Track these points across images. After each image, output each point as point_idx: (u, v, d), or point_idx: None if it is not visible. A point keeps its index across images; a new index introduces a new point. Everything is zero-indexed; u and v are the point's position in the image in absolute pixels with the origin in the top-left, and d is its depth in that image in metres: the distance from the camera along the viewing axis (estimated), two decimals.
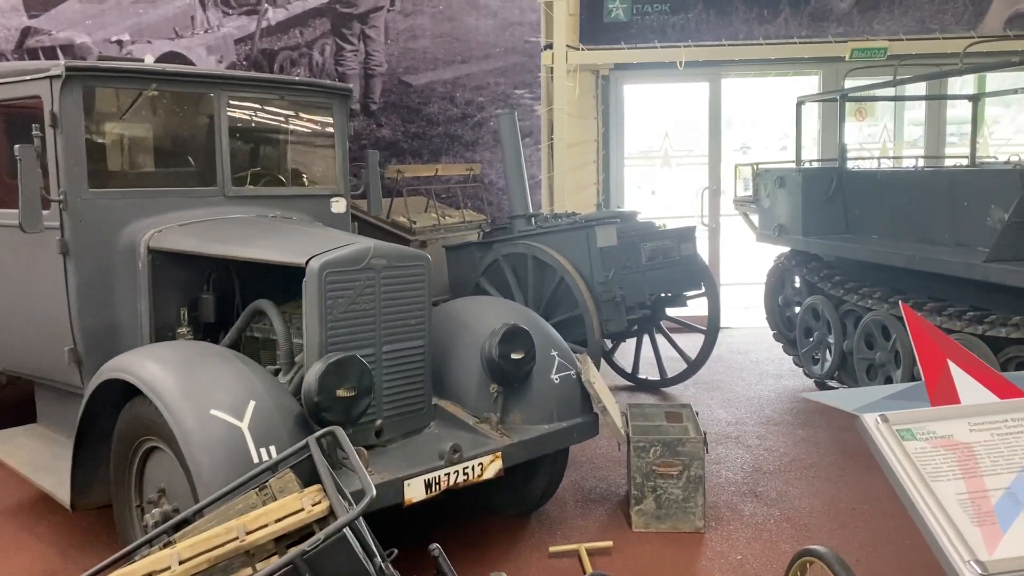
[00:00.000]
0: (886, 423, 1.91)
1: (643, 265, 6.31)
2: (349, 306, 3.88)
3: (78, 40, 8.36)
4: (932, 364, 2.08)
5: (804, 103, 7.67)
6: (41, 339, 4.58)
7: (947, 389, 2.02)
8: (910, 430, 1.92)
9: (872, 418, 1.92)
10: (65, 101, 4.19)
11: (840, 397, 2.08)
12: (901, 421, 1.92)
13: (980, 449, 1.89)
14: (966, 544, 1.69)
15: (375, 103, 8.84)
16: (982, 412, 1.95)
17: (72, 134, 4.23)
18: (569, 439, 4.34)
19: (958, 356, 2.10)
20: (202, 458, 3.13)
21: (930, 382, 2.06)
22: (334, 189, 5.35)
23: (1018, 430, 1.93)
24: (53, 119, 4.19)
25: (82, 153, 4.27)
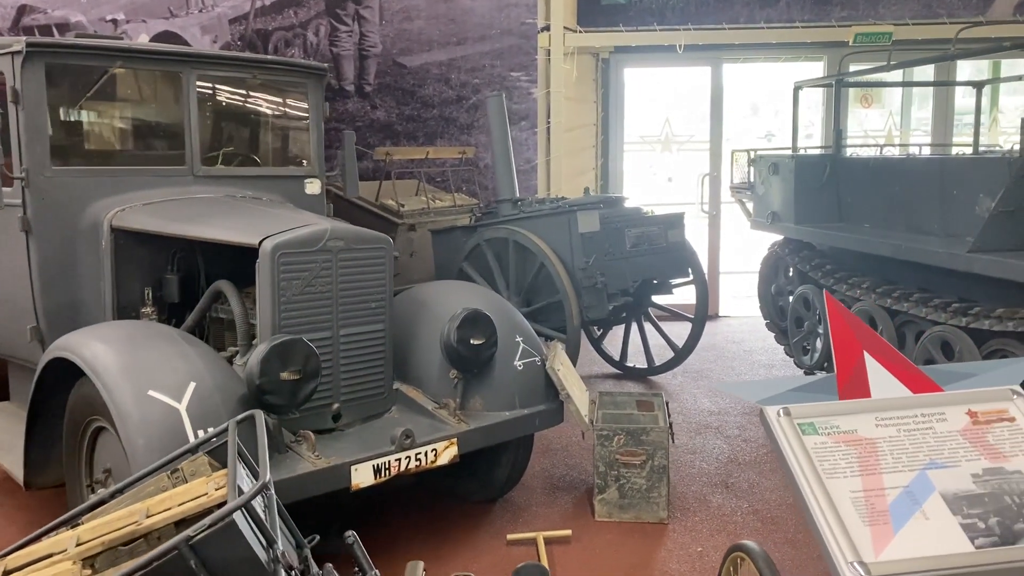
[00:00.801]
0: (787, 416, 1.82)
1: (627, 251, 6.21)
2: (304, 288, 3.84)
3: (73, 19, 8.35)
4: (847, 356, 1.99)
5: (801, 88, 7.51)
6: (6, 317, 4.57)
7: (859, 382, 1.94)
8: (812, 424, 1.84)
9: (774, 411, 1.84)
10: (26, 77, 4.15)
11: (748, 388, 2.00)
12: (804, 415, 1.84)
13: (884, 445, 1.80)
14: (852, 544, 1.61)
15: (369, 84, 8.77)
16: (891, 407, 1.87)
17: (34, 111, 4.20)
18: (531, 426, 4.28)
19: (876, 348, 2.01)
20: (137, 439, 3.11)
21: (842, 374, 1.97)
22: (308, 170, 5.30)
23: (925, 426, 1.84)
24: (15, 95, 4.16)
25: (45, 130, 4.25)
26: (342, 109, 8.77)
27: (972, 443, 1.81)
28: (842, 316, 2.07)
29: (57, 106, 4.44)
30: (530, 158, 9.14)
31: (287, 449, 3.56)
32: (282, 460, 3.48)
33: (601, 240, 6.04)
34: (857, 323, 2.08)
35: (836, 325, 2.06)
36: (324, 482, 3.49)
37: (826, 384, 2.00)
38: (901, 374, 1.95)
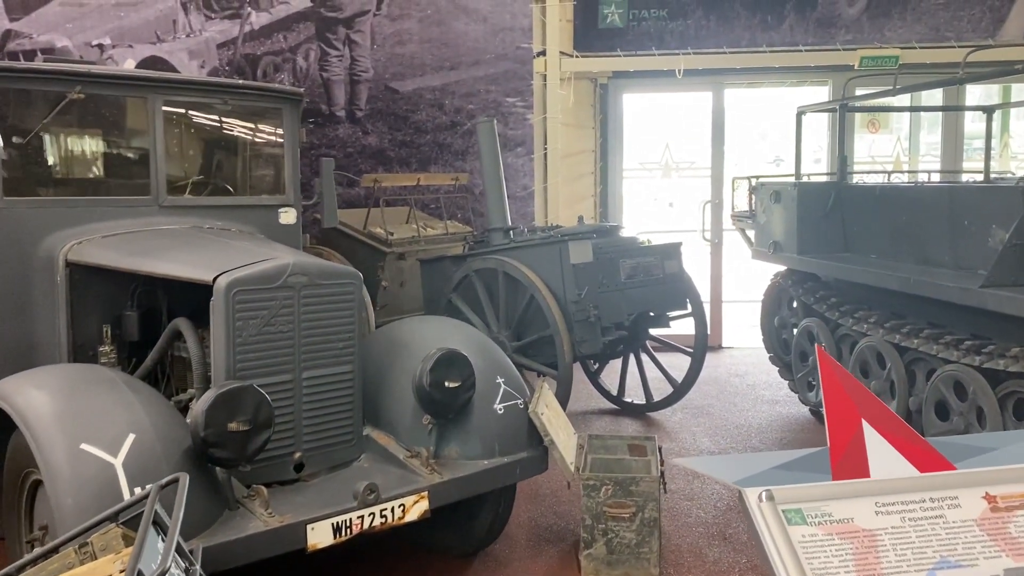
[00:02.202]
0: (770, 501, 1.54)
1: (622, 283, 5.92)
2: (262, 328, 3.57)
3: (59, 43, 8.18)
4: (843, 426, 1.70)
5: (804, 113, 7.25)
6: None
7: (856, 458, 1.65)
8: (800, 511, 1.55)
9: (755, 494, 1.55)
10: None
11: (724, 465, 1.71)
12: (790, 499, 1.55)
13: (885, 538, 1.51)
14: None
15: (361, 110, 8.56)
16: (894, 489, 1.57)
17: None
18: (511, 476, 3.98)
19: (876, 416, 1.72)
20: (66, 498, 2.82)
21: (836, 449, 1.68)
22: (282, 199, 5.05)
23: (935, 514, 1.55)
24: None
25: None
26: (332, 135, 8.55)
27: (991, 536, 1.51)
28: (837, 377, 1.78)
29: (11, 133, 4.21)
30: (526, 184, 8.90)
31: (238, 505, 3.27)
32: (231, 518, 3.19)
33: (594, 271, 5.76)
34: (854, 385, 1.78)
35: (830, 388, 1.77)
36: (276, 543, 3.19)
37: (818, 460, 1.71)
38: (906, 448, 1.66)
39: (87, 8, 8.17)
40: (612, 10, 8.57)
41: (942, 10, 8.50)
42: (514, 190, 8.91)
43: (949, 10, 8.52)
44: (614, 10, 8.57)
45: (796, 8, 8.55)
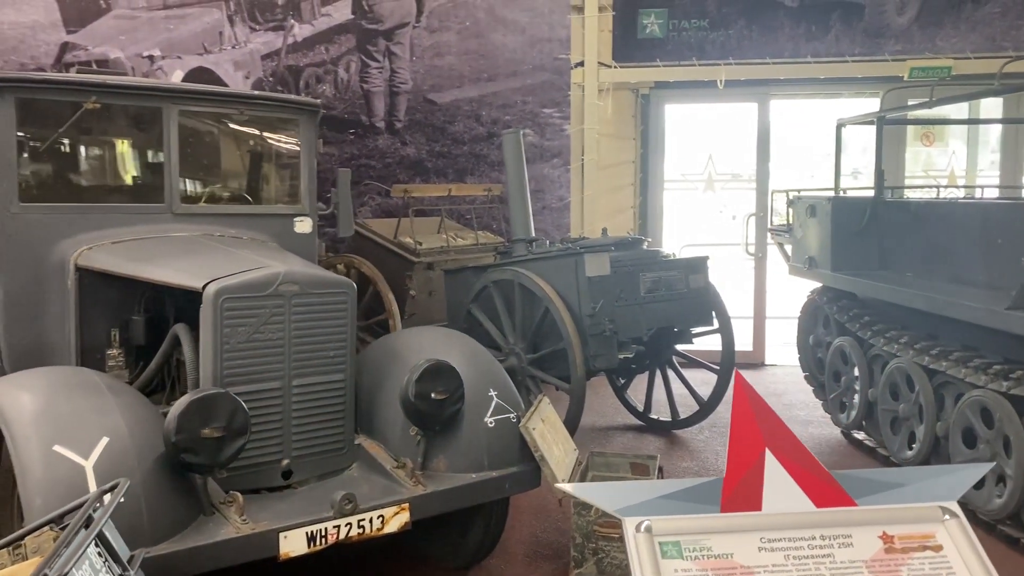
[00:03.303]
0: (647, 533, 1.46)
1: (641, 297, 5.82)
2: (251, 335, 3.60)
3: (112, 55, 8.48)
4: (744, 453, 1.61)
5: (844, 126, 7.04)
6: None
7: (750, 490, 1.56)
8: (678, 544, 1.47)
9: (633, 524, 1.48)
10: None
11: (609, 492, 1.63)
12: (670, 531, 1.47)
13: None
14: None
15: (400, 121, 8.64)
16: (783, 525, 1.48)
17: (2, 146, 4.12)
18: (500, 490, 3.93)
19: (782, 446, 1.63)
20: (35, 498, 2.88)
21: (731, 478, 1.59)
22: (298, 208, 5.11)
23: (823, 552, 1.45)
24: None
25: (12, 166, 4.16)
26: (372, 146, 8.65)
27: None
28: (748, 402, 1.70)
29: (28, 141, 4.36)
30: (563, 196, 8.85)
31: (213, 511, 3.30)
32: (204, 523, 3.22)
33: (611, 284, 5.67)
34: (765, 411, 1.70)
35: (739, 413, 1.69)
36: (247, 550, 3.20)
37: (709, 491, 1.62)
38: (807, 481, 1.56)
39: (139, 21, 8.45)
40: (652, 20, 8.47)
41: (998, 19, 8.15)
42: (550, 201, 8.88)
43: (1007, 19, 8.16)
44: (654, 20, 8.47)
45: (842, 18, 8.31)
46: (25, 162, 4.32)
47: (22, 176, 4.25)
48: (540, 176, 8.77)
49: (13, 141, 4.16)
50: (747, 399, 1.72)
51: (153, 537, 3.04)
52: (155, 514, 3.06)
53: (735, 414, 1.71)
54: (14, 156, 4.17)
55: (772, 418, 1.70)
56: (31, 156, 4.41)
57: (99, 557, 2.22)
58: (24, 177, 4.28)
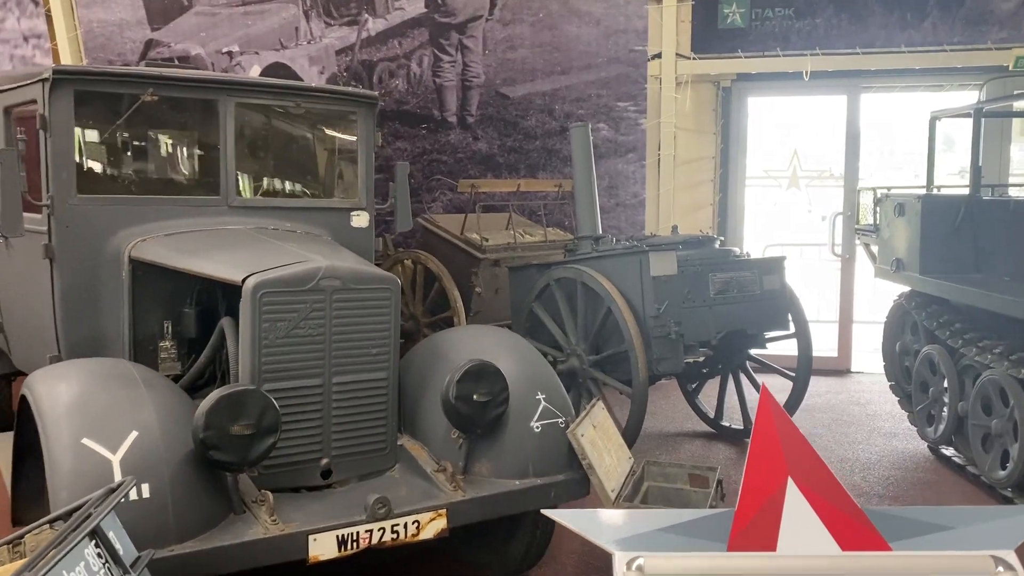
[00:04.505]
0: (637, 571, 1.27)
1: (710, 298, 5.54)
2: (290, 331, 3.53)
3: (193, 51, 8.63)
4: (762, 482, 1.39)
5: (939, 119, 6.57)
6: (31, 344, 4.57)
7: (765, 526, 1.34)
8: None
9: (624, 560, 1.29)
10: (54, 104, 4.11)
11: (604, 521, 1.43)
12: (664, 571, 1.27)
13: None
14: None
15: (472, 115, 8.52)
16: (799, 570, 1.27)
17: (61, 138, 4.15)
18: (544, 499, 3.74)
19: (808, 475, 1.40)
20: (61, 491, 2.86)
21: (744, 510, 1.37)
22: (354, 202, 5.04)
23: None
24: (43, 122, 4.13)
25: (71, 158, 4.19)
26: (444, 140, 8.57)
27: None
28: (772, 421, 1.48)
29: (86, 134, 4.40)
30: (637, 192, 8.58)
31: (244, 510, 3.23)
32: (233, 523, 3.15)
33: (679, 285, 5.41)
34: (792, 433, 1.47)
35: (761, 434, 1.47)
36: (275, 552, 3.13)
37: (718, 525, 1.41)
38: (833, 519, 1.33)
39: (219, 17, 8.57)
40: (733, 9, 8.11)
41: None
42: (624, 198, 8.63)
43: None
44: (735, 9, 8.11)
45: (940, 3, 7.77)
46: (83, 154, 4.36)
47: (80, 168, 4.28)
48: (614, 172, 8.53)
49: (72, 133, 4.19)
50: (771, 418, 1.50)
51: (179, 535, 2.99)
52: (182, 511, 3.01)
53: (756, 435, 1.49)
54: (72, 147, 4.20)
55: (799, 442, 1.47)
56: (89, 148, 4.45)
57: (98, 558, 2.15)
58: (82, 169, 4.31)
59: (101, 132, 4.48)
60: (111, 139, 4.55)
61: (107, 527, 2.21)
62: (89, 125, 4.43)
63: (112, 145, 4.62)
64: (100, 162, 4.59)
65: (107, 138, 4.51)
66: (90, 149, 4.47)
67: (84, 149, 4.38)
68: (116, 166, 4.70)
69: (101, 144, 4.52)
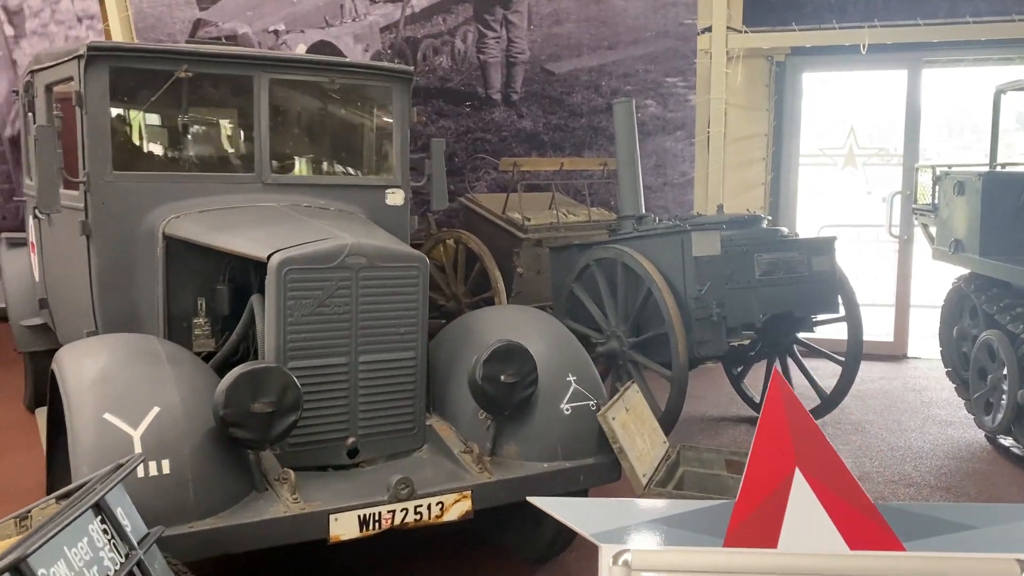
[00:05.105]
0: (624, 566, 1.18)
1: (755, 280, 5.36)
2: (315, 308, 3.49)
3: (240, 31, 8.67)
4: (767, 472, 1.28)
5: (1004, 92, 6.25)
6: (76, 319, 4.62)
7: (768, 520, 1.23)
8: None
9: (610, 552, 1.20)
10: (90, 81, 4.12)
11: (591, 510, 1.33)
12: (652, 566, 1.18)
13: None
14: None
15: (516, 93, 8.40)
16: (800, 569, 1.15)
17: (96, 115, 4.16)
18: (572, 482, 3.66)
19: (817, 466, 1.28)
20: (82, 465, 2.86)
21: (745, 502, 1.26)
22: (390, 179, 4.98)
23: None
24: (79, 99, 4.15)
25: (106, 134, 4.20)
26: (488, 118, 8.47)
27: None
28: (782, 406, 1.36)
29: (121, 110, 4.41)
30: (686, 171, 8.37)
31: (267, 488, 3.21)
32: (255, 500, 3.13)
33: (722, 266, 5.25)
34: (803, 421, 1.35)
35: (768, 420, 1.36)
36: (295, 531, 3.10)
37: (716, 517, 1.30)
38: (842, 514, 1.21)
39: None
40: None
41: None
42: (672, 176, 8.44)
43: None
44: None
45: None
46: (119, 131, 4.38)
47: (116, 144, 4.29)
48: (662, 150, 8.34)
49: (107, 110, 4.20)
50: (782, 403, 1.38)
51: (199, 511, 2.97)
52: (202, 488, 2.99)
53: (763, 422, 1.38)
54: (107, 124, 4.20)
55: (811, 431, 1.35)
56: (124, 125, 4.46)
57: (104, 534, 2.13)
58: (118, 145, 4.32)
59: (136, 109, 4.49)
60: (146, 116, 4.56)
61: (114, 503, 2.19)
62: (124, 102, 4.44)
63: (147, 122, 4.63)
64: (135, 139, 4.61)
65: (142, 115, 4.51)
66: (126, 126, 4.48)
67: (119, 126, 4.39)
68: (151, 143, 4.71)
69: (136, 121, 4.53)
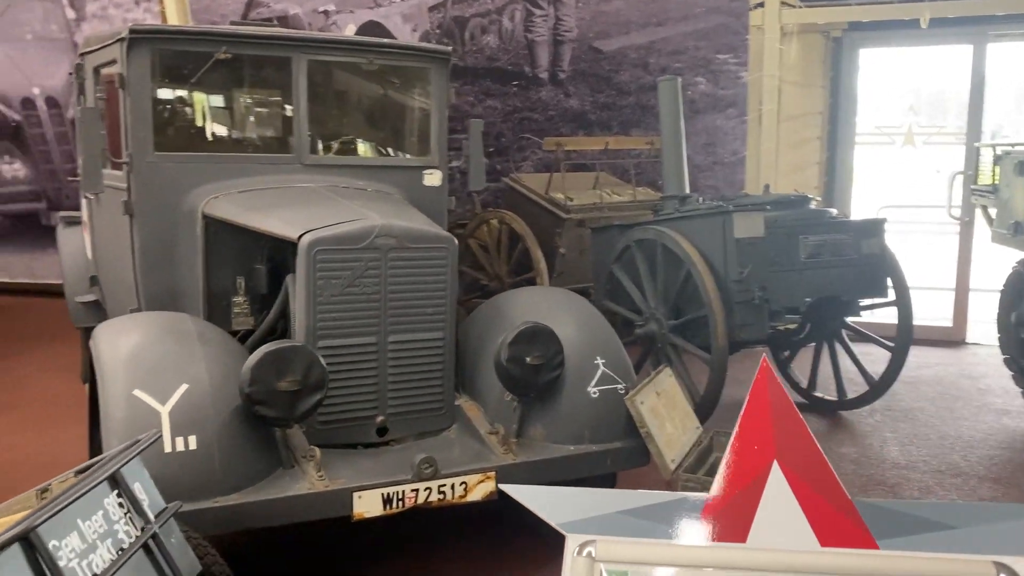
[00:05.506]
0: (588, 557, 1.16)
1: (800, 262, 5.22)
2: (345, 289, 3.53)
3: (292, 11, 8.75)
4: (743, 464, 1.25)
5: None
6: (122, 296, 4.74)
7: (740, 513, 1.19)
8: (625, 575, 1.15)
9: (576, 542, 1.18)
10: (132, 63, 4.20)
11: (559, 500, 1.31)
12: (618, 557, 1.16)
13: None
14: None
15: (563, 71, 8.32)
16: (766, 565, 1.12)
17: (139, 96, 4.24)
18: (599, 465, 3.66)
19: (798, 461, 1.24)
20: (112, 439, 2.95)
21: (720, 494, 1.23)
22: (427, 160, 4.98)
23: None
24: (121, 81, 4.24)
25: (148, 116, 4.28)
26: (535, 98, 8.41)
27: None
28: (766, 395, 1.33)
29: (163, 92, 4.49)
30: (737, 150, 8.20)
31: (293, 465, 3.26)
32: (281, 477, 3.20)
33: (765, 248, 5.13)
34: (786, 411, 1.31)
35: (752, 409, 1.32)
36: (320, 507, 3.16)
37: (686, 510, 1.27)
38: (816, 510, 1.17)
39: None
40: None
41: None
42: (723, 155, 8.28)
43: None
44: None
45: None
46: (161, 112, 4.46)
47: (157, 126, 4.38)
48: (712, 128, 8.18)
49: (149, 91, 4.28)
50: (766, 392, 1.35)
51: (225, 487, 3.05)
52: (228, 464, 3.07)
53: (746, 412, 1.34)
54: (150, 106, 4.28)
55: (794, 423, 1.31)
56: (166, 106, 4.55)
57: (120, 508, 2.19)
58: (159, 127, 4.41)
59: (178, 90, 4.57)
60: (188, 97, 4.63)
61: (131, 478, 2.25)
62: (166, 84, 4.52)
63: (189, 103, 4.71)
64: (177, 120, 4.69)
65: (184, 96, 4.59)
66: (168, 107, 4.56)
67: (161, 107, 4.47)
68: (192, 124, 4.79)
69: (178, 102, 4.61)
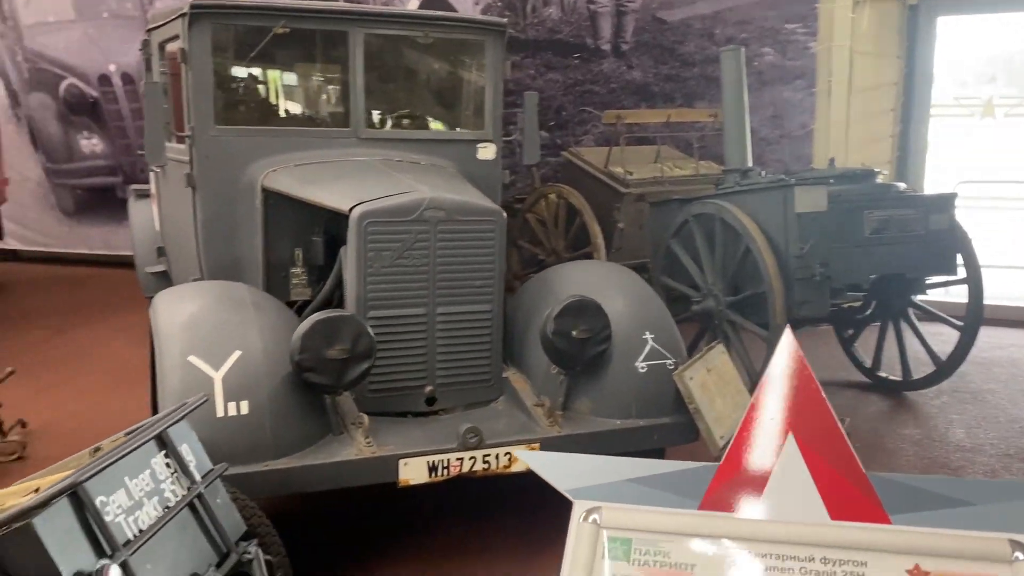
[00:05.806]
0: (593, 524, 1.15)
1: (864, 238, 5.06)
2: (395, 260, 3.58)
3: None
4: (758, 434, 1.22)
5: None
6: (186, 266, 4.89)
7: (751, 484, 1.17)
8: (629, 543, 1.14)
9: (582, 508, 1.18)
10: (193, 38, 4.30)
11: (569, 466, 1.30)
12: (623, 524, 1.15)
13: None
14: None
15: (626, 43, 8.20)
16: (773, 536, 1.10)
17: (200, 71, 4.34)
18: (645, 440, 3.64)
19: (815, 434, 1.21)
20: (167, 405, 3.05)
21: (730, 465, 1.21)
22: (481, 134, 4.98)
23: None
24: (183, 56, 4.34)
25: (209, 90, 4.38)
26: (597, 70, 8.32)
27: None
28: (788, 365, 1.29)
29: (223, 66, 4.58)
30: (805, 123, 7.98)
31: (342, 431, 3.34)
32: (330, 443, 3.28)
33: (827, 223, 4.98)
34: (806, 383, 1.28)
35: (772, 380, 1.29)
36: (366, 473, 3.23)
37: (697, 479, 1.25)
38: (830, 483, 1.14)
39: None
40: None
41: None
42: (791, 128, 8.07)
43: None
44: None
45: None
46: (222, 86, 4.55)
47: (218, 99, 4.47)
48: (779, 100, 7.97)
49: (210, 66, 4.37)
50: (788, 362, 1.31)
51: (275, 451, 3.13)
52: (278, 429, 3.15)
53: (764, 383, 1.31)
54: (211, 80, 4.38)
55: (813, 396, 1.28)
56: (226, 80, 4.64)
57: (167, 468, 2.27)
58: (220, 100, 4.50)
59: (238, 65, 4.65)
60: (248, 72, 4.72)
61: (179, 440, 2.33)
62: (227, 58, 4.61)
63: (249, 78, 4.80)
64: (237, 94, 4.78)
65: (244, 71, 4.68)
66: (228, 81, 4.66)
67: (222, 81, 4.57)
68: (253, 98, 4.88)
69: (238, 77, 4.70)
